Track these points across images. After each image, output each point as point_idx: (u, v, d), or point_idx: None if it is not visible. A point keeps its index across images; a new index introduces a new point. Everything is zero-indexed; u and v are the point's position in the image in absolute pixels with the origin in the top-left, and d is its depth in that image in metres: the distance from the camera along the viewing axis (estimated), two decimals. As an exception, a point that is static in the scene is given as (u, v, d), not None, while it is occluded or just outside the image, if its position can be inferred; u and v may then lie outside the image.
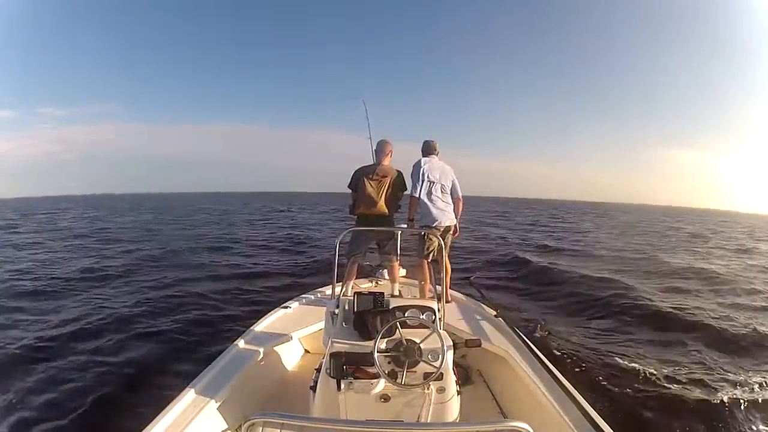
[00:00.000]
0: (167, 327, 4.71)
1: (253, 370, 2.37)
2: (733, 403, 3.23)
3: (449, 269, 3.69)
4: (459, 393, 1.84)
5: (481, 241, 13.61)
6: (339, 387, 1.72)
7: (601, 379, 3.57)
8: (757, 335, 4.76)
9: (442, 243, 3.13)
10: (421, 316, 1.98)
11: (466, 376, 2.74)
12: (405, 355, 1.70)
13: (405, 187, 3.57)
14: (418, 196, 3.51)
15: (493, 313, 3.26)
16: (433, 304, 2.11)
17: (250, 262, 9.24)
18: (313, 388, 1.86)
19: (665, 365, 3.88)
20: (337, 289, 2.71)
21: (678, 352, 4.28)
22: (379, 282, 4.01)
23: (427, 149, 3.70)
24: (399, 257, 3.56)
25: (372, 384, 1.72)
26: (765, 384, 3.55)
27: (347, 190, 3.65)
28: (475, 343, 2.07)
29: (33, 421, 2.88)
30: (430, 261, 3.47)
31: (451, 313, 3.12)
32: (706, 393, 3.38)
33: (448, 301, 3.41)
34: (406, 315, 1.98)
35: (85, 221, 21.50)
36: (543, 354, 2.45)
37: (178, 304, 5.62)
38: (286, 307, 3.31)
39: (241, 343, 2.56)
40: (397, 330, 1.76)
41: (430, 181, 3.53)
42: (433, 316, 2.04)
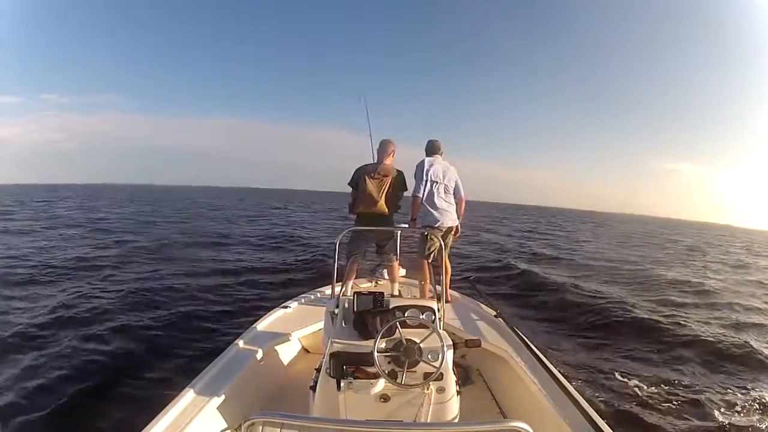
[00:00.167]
0: (147, 322, 4.72)
1: (253, 370, 2.37)
2: (723, 414, 3.30)
3: (449, 269, 3.68)
4: (459, 393, 1.84)
5: (475, 246, 13.34)
6: (339, 387, 1.71)
7: (593, 387, 3.58)
8: (749, 351, 4.67)
9: (442, 243, 3.13)
10: (420, 316, 1.98)
11: (465, 376, 2.74)
12: (405, 355, 1.70)
13: (405, 187, 3.56)
14: (421, 195, 3.49)
15: (493, 313, 3.27)
16: (433, 304, 2.11)
17: (237, 258, 9.17)
18: (313, 388, 1.86)
19: (654, 377, 3.84)
20: (337, 288, 2.71)
21: (668, 367, 4.21)
22: (379, 282, 4.01)
23: (431, 149, 3.67)
24: (399, 257, 3.56)
25: (372, 384, 1.72)
26: (752, 399, 3.58)
27: (346, 190, 3.64)
28: (474, 343, 2.07)
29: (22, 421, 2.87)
30: (430, 261, 3.46)
31: (450, 313, 3.13)
32: (697, 408, 3.38)
33: (447, 301, 3.41)
34: (406, 315, 1.98)
35: (82, 211, 21.47)
36: (543, 354, 2.45)
37: (159, 298, 5.66)
38: (286, 306, 3.31)
39: (240, 342, 2.56)
40: (396, 330, 1.76)
41: (434, 181, 3.51)
42: (433, 316, 2.04)
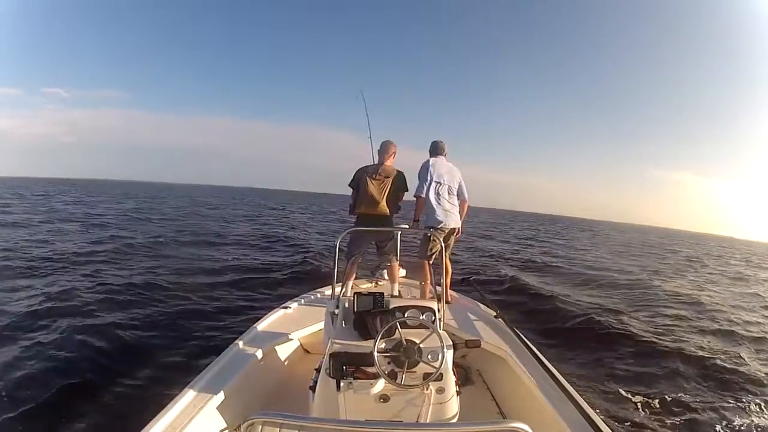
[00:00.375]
0: (139, 319, 4.74)
1: (252, 370, 2.37)
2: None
3: (449, 270, 3.68)
4: (458, 393, 1.84)
5: (468, 252, 13.09)
6: (338, 387, 1.71)
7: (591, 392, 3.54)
8: (744, 367, 4.54)
9: (443, 244, 3.13)
10: (420, 317, 1.98)
11: (465, 376, 2.74)
12: (405, 356, 1.70)
13: (406, 188, 3.56)
14: (424, 196, 3.49)
15: (493, 313, 3.27)
16: (433, 305, 2.10)
17: (227, 258, 9.15)
18: (313, 388, 1.86)
19: (647, 391, 3.76)
20: (337, 289, 2.71)
21: (662, 380, 4.09)
22: (379, 282, 4.01)
23: (435, 149, 3.66)
24: (399, 257, 3.56)
25: (371, 384, 1.72)
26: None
27: (346, 192, 3.65)
28: (474, 344, 2.07)
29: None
30: (431, 262, 3.46)
31: (451, 313, 3.13)
32: (690, 421, 3.36)
33: (448, 302, 3.41)
34: (406, 315, 1.98)
35: (79, 205, 21.55)
36: (542, 354, 2.45)
37: (147, 295, 5.68)
38: (286, 307, 3.31)
39: (240, 343, 2.56)
40: (396, 330, 1.76)
41: (437, 182, 3.51)
42: (433, 317, 2.04)
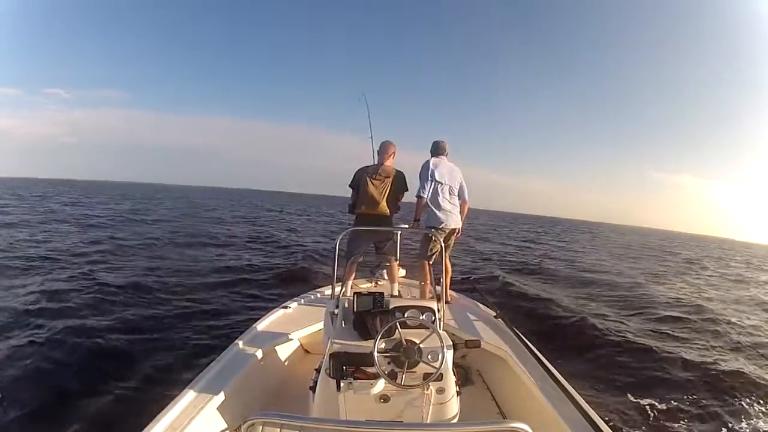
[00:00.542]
0: (134, 319, 4.75)
1: (252, 371, 2.37)
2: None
3: (449, 270, 3.68)
4: (459, 393, 1.84)
5: (470, 254, 13.00)
6: (338, 387, 1.71)
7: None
8: (744, 373, 4.41)
9: (443, 245, 3.13)
10: (420, 317, 1.98)
11: (465, 376, 2.74)
12: (405, 356, 1.70)
13: (406, 188, 3.56)
14: (425, 196, 3.49)
15: (493, 313, 3.27)
16: (433, 305, 2.10)
17: (223, 259, 9.16)
18: (313, 389, 1.86)
19: (646, 397, 3.68)
20: (337, 289, 2.71)
21: (663, 387, 3.99)
22: (379, 282, 4.01)
23: (437, 149, 3.65)
24: (399, 257, 3.56)
25: (371, 384, 1.72)
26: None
27: (345, 194, 3.65)
28: (474, 344, 2.07)
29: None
30: (431, 262, 3.46)
31: (450, 313, 3.13)
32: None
33: (447, 302, 3.41)
34: (406, 315, 1.98)
35: (77, 207, 21.63)
36: (542, 354, 2.45)
37: (138, 296, 5.69)
38: (286, 307, 3.31)
39: (240, 343, 2.56)
40: (396, 330, 1.76)
41: (438, 182, 3.50)
42: (433, 317, 2.04)
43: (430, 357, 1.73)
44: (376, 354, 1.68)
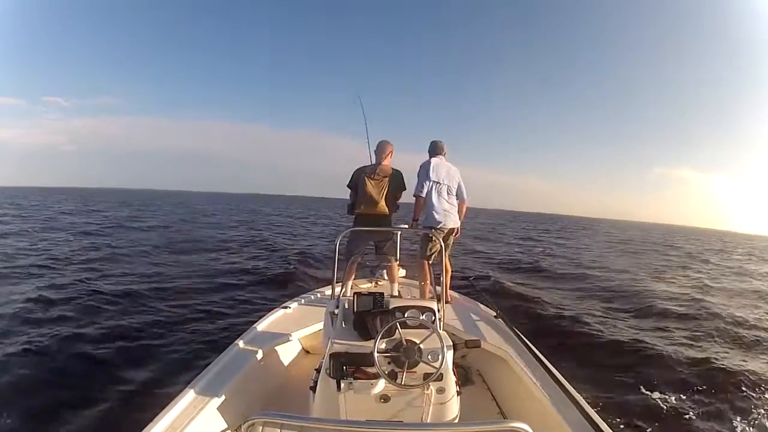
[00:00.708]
0: (131, 323, 4.81)
1: (252, 371, 2.37)
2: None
3: (449, 270, 3.69)
4: (459, 393, 1.84)
5: (469, 254, 12.89)
6: (339, 387, 1.71)
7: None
8: (748, 369, 4.33)
9: (443, 244, 3.13)
10: (420, 317, 1.98)
11: (466, 376, 2.74)
12: (405, 356, 1.70)
13: (404, 187, 3.57)
14: (424, 196, 3.49)
15: (493, 313, 3.27)
16: (433, 305, 2.10)
17: (220, 263, 9.18)
18: (313, 389, 1.86)
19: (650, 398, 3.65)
20: (337, 289, 2.71)
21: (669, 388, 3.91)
22: (379, 282, 4.01)
23: (434, 149, 3.66)
24: (399, 257, 3.56)
25: (372, 384, 1.72)
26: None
27: (345, 195, 3.66)
28: (474, 344, 2.07)
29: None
30: (431, 262, 3.47)
31: (450, 313, 3.13)
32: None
33: (447, 302, 3.41)
34: (406, 315, 1.98)
35: (76, 215, 21.66)
36: (543, 354, 2.45)
37: (136, 299, 5.80)
38: (286, 307, 3.31)
39: (240, 343, 2.56)
40: (396, 330, 1.76)
41: (437, 182, 3.51)
42: (433, 317, 2.03)
43: (430, 357, 1.73)
44: (376, 354, 1.68)
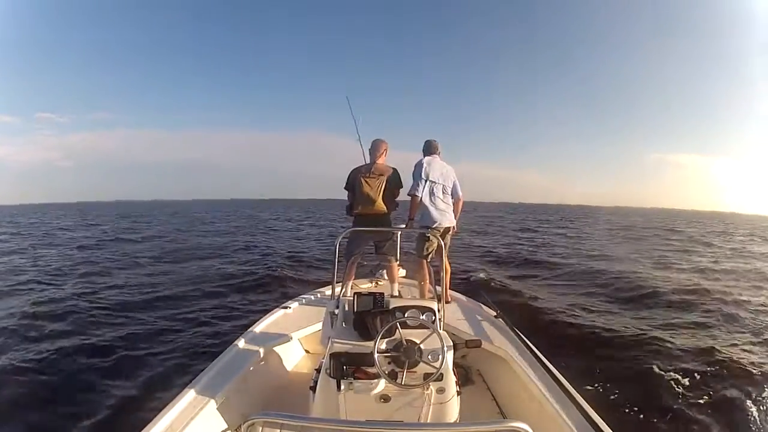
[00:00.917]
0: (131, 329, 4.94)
1: (252, 371, 2.37)
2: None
3: (449, 269, 3.68)
4: (459, 393, 1.84)
5: (468, 250, 12.63)
6: (339, 387, 1.71)
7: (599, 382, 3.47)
8: (755, 363, 4.13)
9: (442, 243, 3.13)
10: (421, 317, 1.98)
11: (466, 376, 2.74)
12: (405, 356, 1.70)
13: (401, 185, 3.55)
14: (419, 195, 3.49)
15: (493, 313, 3.26)
16: (433, 305, 2.10)
17: (216, 269, 9.22)
18: (313, 389, 1.86)
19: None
20: (337, 289, 2.71)
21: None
22: (379, 282, 4.01)
23: (429, 149, 3.66)
24: (399, 257, 3.56)
25: (372, 384, 1.72)
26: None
27: (343, 197, 3.65)
28: (475, 344, 2.07)
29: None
30: (429, 261, 3.46)
31: (451, 313, 3.12)
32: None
33: (448, 302, 3.41)
34: (406, 315, 1.98)
35: (79, 229, 21.77)
36: (543, 354, 2.45)
37: (137, 304, 6.09)
38: (286, 307, 3.31)
39: (240, 343, 2.56)
40: (397, 330, 1.76)
41: (432, 181, 3.51)
42: (433, 317, 2.04)
43: (430, 357, 1.73)
44: (376, 354, 1.68)
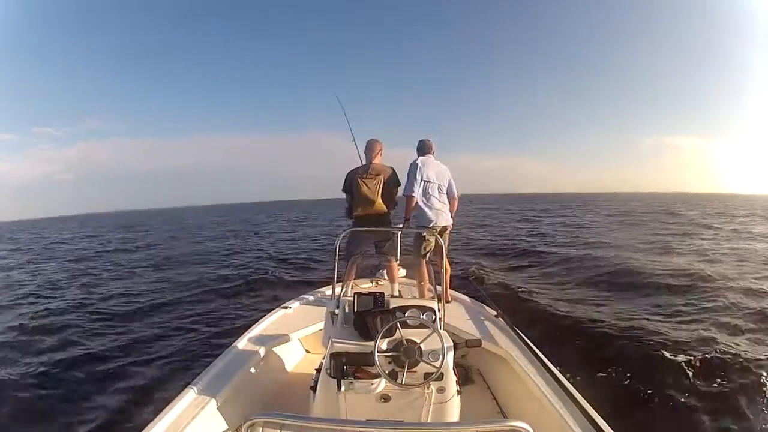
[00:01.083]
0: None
1: (253, 371, 2.37)
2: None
3: (449, 269, 3.68)
4: (459, 393, 1.84)
5: (466, 246, 12.47)
6: (339, 387, 1.72)
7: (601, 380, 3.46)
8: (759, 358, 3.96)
9: (442, 243, 3.12)
10: (421, 316, 1.98)
11: (466, 376, 2.74)
12: (405, 356, 1.70)
13: (399, 183, 3.55)
14: (414, 196, 3.48)
15: (494, 313, 3.26)
16: (434, 304, 2.10)
17: (213, 273, 9.33)
18: (314, 389, 1.86)
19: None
20: (337, 289, 2.71)
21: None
22: (379, 282, 4.01)
23: (423, 148, 3.65)
24: (399, 258, 3.56)
25: (372, 384, 1.72)
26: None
27: (340, 196, 3.65)
28: (475, 343, 2.07)
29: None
30: (427, 261, 3.46)
31: (451, 313, 3.12)
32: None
33: (448, 301, 3.40)
34: (407, 315, 1.98)
35: (73, 242, 21.82)
36: (543, 354, 2.44)
37: (138, 308, 6.42)
38: (286, 307, 3.31)
39: (241, 343, 2.57)
40: (397, 330, 1.76)
41: (427, 180, 3.50)
42: (434, 316, 2.03)
43: (430, 356, 1.73)
44: (376, 354, 1.68)
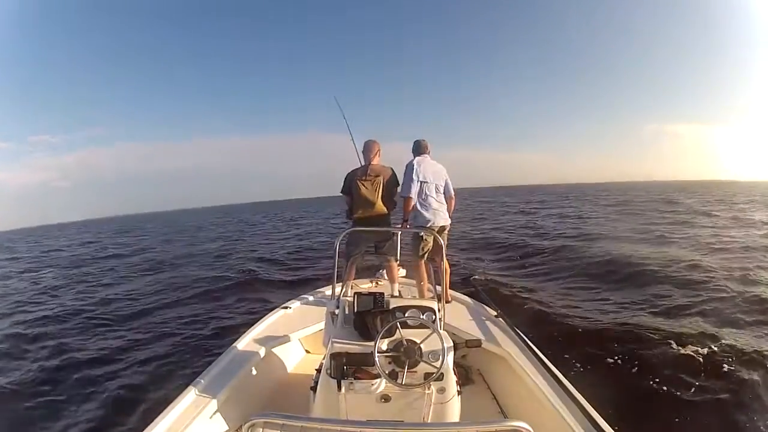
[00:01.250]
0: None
1: (253, 371, 2.37)
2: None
3: (449, 269, 3.68)
4: (459, 393, 1.84)
5: (465, 244, 12.15)
6: (339, 387, 1.72)
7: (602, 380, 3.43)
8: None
9: (441, 242, 3.12)
10: (421, 317, 1.98)
11: (466, 376, 2.74)
12: (405, 356, 1.70)
13: (398, 183, 3.55)
14: (412, 196, 3.48)
15: (494, 313, 3.26)
16: (434, 305, 2.10)
17: (186, 279, 9.26)
18: (314, 389, 1.87)
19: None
20: (337, 289, 2.71)
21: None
22: (379, 282, 4.01)
23: (418, 148, 3.64)
24: (398, 258, 3.56)
25: (372, 384, 1.72)
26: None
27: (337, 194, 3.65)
28: (475, 344, 2.07)
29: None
30: (426, 261, 3.46)
31: (451, 313, 3.12)
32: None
33: (448, 302, 3.40)
34: (407, 315, 1.98)
35: (71, 249, 21.65)
36: (544, 354, 2.45)
37: (138, 309, 6.55)
38: (286, 307, 3.32)
39: (241, 343, 2.57)
40: (397, 330, 1.76)
41: (423, 181, 3.49)
42: (434, 317, 2.04)
43: (430, 357, 1.73)
44: (376, 354, 1.68)
